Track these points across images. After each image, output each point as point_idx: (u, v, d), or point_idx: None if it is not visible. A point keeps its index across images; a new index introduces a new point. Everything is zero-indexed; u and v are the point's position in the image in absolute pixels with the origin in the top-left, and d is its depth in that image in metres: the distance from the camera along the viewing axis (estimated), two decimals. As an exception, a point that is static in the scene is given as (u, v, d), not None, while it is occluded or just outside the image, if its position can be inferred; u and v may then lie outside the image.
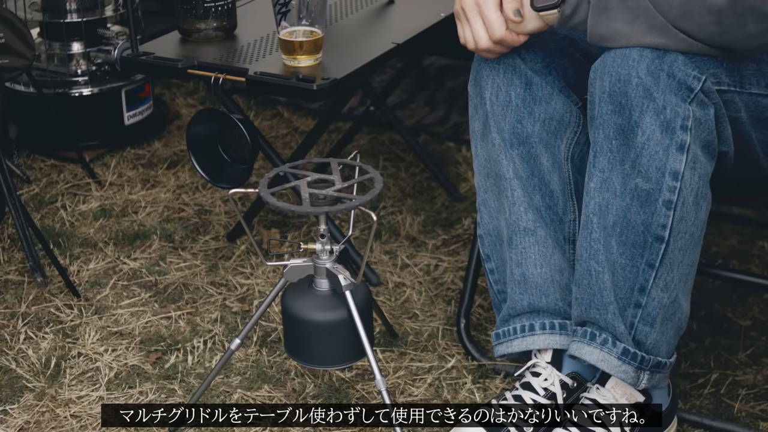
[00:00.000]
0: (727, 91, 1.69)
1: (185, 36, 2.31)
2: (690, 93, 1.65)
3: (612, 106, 1.68)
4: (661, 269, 1.72)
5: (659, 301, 1.74)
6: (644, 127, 1.66)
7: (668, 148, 1.66)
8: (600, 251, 1.74)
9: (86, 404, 2.01)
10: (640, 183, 1.68)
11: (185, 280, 2.39)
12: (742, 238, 2.52)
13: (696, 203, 1.70)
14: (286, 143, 3.02)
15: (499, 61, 1.83)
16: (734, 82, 1.69)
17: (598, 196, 1.73)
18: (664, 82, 1.64)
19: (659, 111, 1.65)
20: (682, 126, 1.65)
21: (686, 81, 1.64)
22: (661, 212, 1.69)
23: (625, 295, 1.74)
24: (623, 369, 1.77)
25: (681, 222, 1.70)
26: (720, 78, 1.68)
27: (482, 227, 1.96)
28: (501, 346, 1.95)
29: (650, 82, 1.64)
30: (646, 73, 1.64)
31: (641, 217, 1.70)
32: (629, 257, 1.72)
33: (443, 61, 3.38)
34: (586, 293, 1.78)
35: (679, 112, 1.64)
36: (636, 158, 1.67)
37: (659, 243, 1.70)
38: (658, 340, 1.77)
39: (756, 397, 2.02)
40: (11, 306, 2.30)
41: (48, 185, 2.78)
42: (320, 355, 1.84)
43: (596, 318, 1.78)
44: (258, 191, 1.78)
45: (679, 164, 1.66)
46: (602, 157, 1.71)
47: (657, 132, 1.65)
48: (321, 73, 2.11)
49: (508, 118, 1.84)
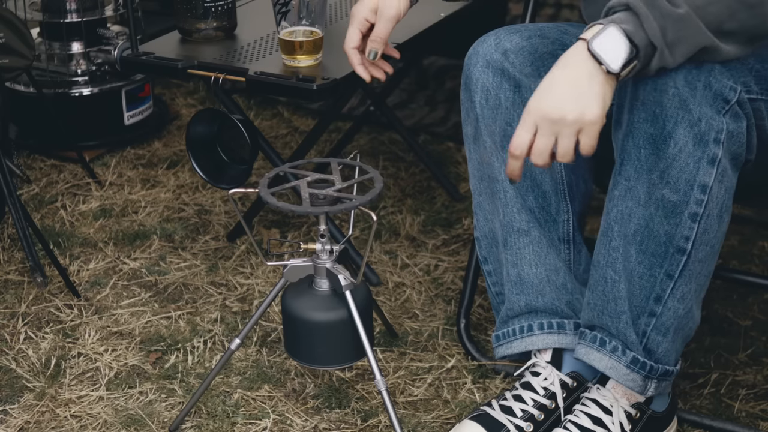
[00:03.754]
0: (756, 99, 1.67)
1: (185, 36, 2.32)
2: (725, 105, 1.62)
3: (645, 114, 1.64)
4: (680, 280, 1.70)
5: (675, 312, 1.73)
6: (677, 138, 1.63)
7: (699, 161, 1.63)
8: (618, 259, 1.73)
9: (86, 404, 2.01)
10: (668, 194, 1.65)
11: (185, 280, 2.39)
12: (742, 238, 2.51)
13: (720, 216, 1.68)
14: (286, 143, 3.02)
15: (488, 65, 1.83)
16: (762, 90, 1.67)
17: (621, 204, 1.71)
18: (701, 93, 1.61)
19: (694, 123, 1.62)
20: (716, 139, 1.62)
21: (723, 92, 1.61)
22: (685, 224, 1.67)
23: (640, 303, 1.73)
24: (631, 377, 1.77)
25: (704, 234, 1.68)
26: (750, 86, 1.65)
27: (479, 229, 1.96)
28: (501, 348, 1.95)
29: (687, 93, 1.61)
30: (683, 83, 1.61)
31: (664, 228, 1.68)
32: (648, 266, 1.71)
33: (443, 61, 3.38)
34: (600, 299, 1.77)
35: (714, 125, 1.62)
36: (665, 169, 1.65)
37: (681, 254, 1.69)
38: (669, 349, 1.76)
39: (756, 397, 2.02)
40: (11, 306, 2.30)
41: (48, 185, 2.78)
42: (320, 355, 1.84)
43: (608, 325, 1.77)
44: (258, 191, 1.77)
45: (709, 177, 1.64)
46: (629, 166, 1.68)
47: (690, 144, 1.62)
48: (321, 73, 2.11)
49: (498, 121, 1.84)
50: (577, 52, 1.57)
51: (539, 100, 1.58)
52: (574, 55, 1.57)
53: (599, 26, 1.57)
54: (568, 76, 1.57)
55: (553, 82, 1.58)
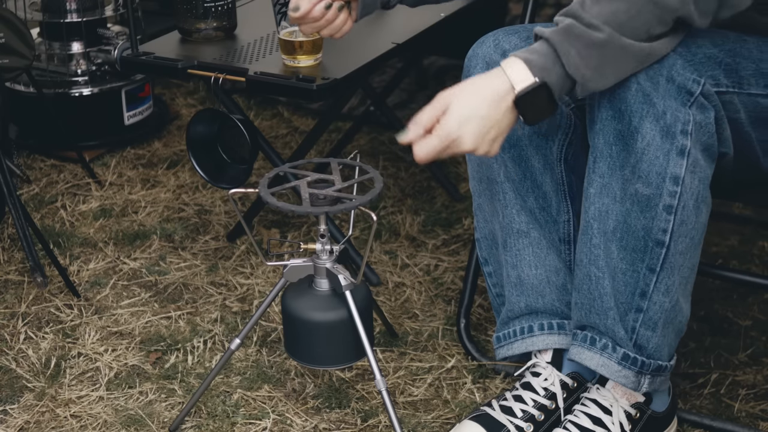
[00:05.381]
0: (726, 92, 1.68)
1: (185, 36, 2.32)
2: (690, 97, 1.64)
3: (611, 111, 1.67)
4: (662, 274, 1.71)
5: (661, 306, 1.73)
6: (644, 132, 1.65)
7: (668, 153, 1.65)
8: (600, 256, 1.74)
9: (86, 404, 2.01)
10: (641, 188, 1.67)
11: (185, 280, 2.39)
12: (742, 238, 2.52)
13: (696, 207, 1.69)
14: (286, 143, 3.02)
15: (488, 67, 1.83)
16: (733, 83, 1.69)
17: (597, 202, 1.72)
18: (664, 86, 1.63)
19: (659, 116, 1.64)
20: (683, 130, 1.64)
21: (686, 85, 1.64)
22: (661, 217, 1.68)
23: (626, 299, 1.74)
24: (623, 374, 1.77)
25: (681, 226, 1.69)
26: (719, 79, 1.67)
27: (479, 231, 1.97)
28: (502, 349, 1.95)
29: (649, 87, 1.63)
30: (645, 78, 1.63)
31: (642, 222, 1.69)
32: (630, 262, 1.72)
33: (443, 61, 3.38)
34: (586, 298, 1.78)
35: (679, 116, 1.64)
36: (636, 163, 1.67)
37: (660, 247, 1.70)
38: (660, 343, 1.76)
39: (756, 397, 2.02)
40: (11, 306, 2.30)
41: (48, 185, 2.78)
42: (320, 355, 1.84)
43: (596, 323, 1.78)
44: (258, 191, 1.78)
45: (680, 169, 1.66)
46: (602, 163, 1.70)
47: (657, 137, 1.64)
48: (321, 73, 2.11)
49: None
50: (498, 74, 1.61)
51: (455, 111, 1.60)
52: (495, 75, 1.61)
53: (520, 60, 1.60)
54: (485, 95, 1.60)
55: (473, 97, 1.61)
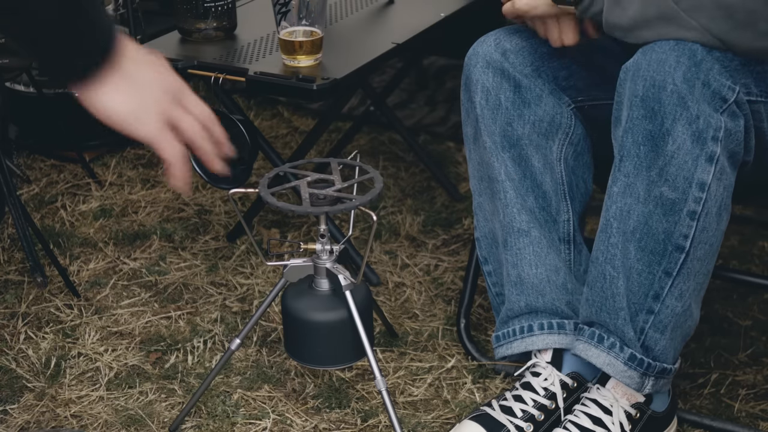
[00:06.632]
0: (755, 101, 1.67)
1: (185, 36, 2.32)
2: (723, 103, 1.62)
3: (644, 111, 1.64)
4: (678, 278, 1.70)
5: (672, 309, 1.73)
6: (675, 135, 1.63)
7: (698, 159, 1.63)
8: (617, 256, 1.73)
9: (86, 404, 2.01)
10: (666, 191, 1.66)
11: (185, 280, 2.39)
12: (742, 238, 2.51)
13: (719, 214, 1.68)
14: (286, 143, 3.02)
15: (488, 66, 1.84)
16: (762, 92, 1.67)
17: (620, 201, 1.71)
18: (699, 90, 1.61)
19: (692, 120, 1.62)
20: (714, 137, 1.62)
21: (721, 91, 1.62)
22: (684, 222, 1.67)
23: (638, 300, 1.73)
24: (629, 374, 1.77)
25: (703, 233, 1.68)
26: (750, 88, 1.66)
27: (479, 230, 1.97)
28: (501, 348, 1.95)
29: (685, 90, 1.61)
30: (682, 81, 1.61)
31: (663, 226, 1.68)
32: (646, 264, 1.71)
33: (443, 61, 3.38)
34: (598, 296, 1.78)
35: (712, 122, 1.62)
36: (664, 166, 1.65)
37: (679, 252, 1.69)
38: (667, 347, 1.76)
39: (756, 397, 2.02)
40: (11, 306, 2.30)
41: (48, 185, 2.78)
42: (320, 355, 1.84)
43: (606, 321, 1.77)
44: (258, 191, 1.78)
45: (707, 175, 1.64)
46: (628, 162, 1.68)
47: (688, 141, 1.63)
48: (321, 73, 2.11)
49: (498, 122, 1.84)
50: None
51: None
52: None
53: None
54: None
55: None
